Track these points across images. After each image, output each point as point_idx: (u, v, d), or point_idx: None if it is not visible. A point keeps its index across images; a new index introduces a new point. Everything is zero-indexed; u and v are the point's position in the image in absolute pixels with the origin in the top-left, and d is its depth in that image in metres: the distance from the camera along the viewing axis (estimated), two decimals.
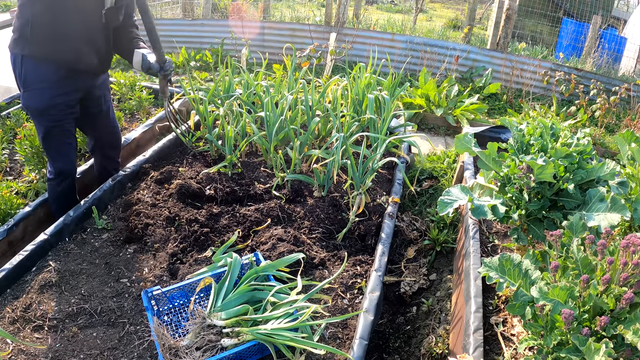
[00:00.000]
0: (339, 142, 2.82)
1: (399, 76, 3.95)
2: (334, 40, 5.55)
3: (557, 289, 1.44)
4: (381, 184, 3.23)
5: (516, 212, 2.04)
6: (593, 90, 5.57)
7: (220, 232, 2.55)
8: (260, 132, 3.21)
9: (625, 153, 2.30)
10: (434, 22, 12.50)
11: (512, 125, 2.29)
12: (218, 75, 3.85)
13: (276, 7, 10.64)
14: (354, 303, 2.20)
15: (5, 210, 2.92)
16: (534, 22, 10.36)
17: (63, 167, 2.72)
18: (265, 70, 4.81)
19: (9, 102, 4.30)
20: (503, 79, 6.53)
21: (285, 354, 1.82)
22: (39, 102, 2.51)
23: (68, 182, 2.77)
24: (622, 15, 11.96)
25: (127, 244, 2.54)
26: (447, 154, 4.29)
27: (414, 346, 2.35)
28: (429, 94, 5.44)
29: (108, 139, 3.02)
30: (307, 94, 3.30)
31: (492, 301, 2.21)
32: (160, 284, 2.23)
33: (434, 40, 7.02)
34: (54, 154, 2.68)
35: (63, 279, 2.26)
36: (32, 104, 2.51)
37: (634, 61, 8.46)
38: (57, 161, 2.70)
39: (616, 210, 1.78)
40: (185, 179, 2.92)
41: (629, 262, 1.42)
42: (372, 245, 2.60)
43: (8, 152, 3.67)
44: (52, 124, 2.57)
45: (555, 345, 1.47)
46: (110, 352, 1.91)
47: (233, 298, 1.98)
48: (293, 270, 2.26)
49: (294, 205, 2.80)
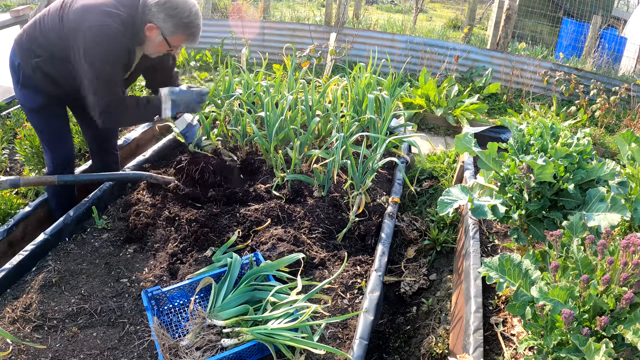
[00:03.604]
0: (339, 142, 2.82)
1: (399, 76, 3.95)
2: (334, 40, 5.55)
3: (557, 289, 1.44)
4: (381, 184, 3.23)
5: (516, 212, 2.04)
6: (593, 90, 5.57)
7: (220, 232, 2.55)
8: (260, 132, 3.21)
9: (625, 153, 2.30)
10: (434, 22, 12.50)
11: (512, 125, 2.29)
12: (218, 75, 3.85)
13: (276, 7, 10.64)
14: (354, 303, 2.20)
15: (5, 210, 2.92)
16: (534, 22, 10.36)
17: (62, 154, 2.70)
18: (265, 70, 4.81)
19: (9, 102, 4.30)
20: (503, 79, 6.53)
21: (285, 354, 1.82)
22: (34, 103, 2.53)
23: (67, 173, 2.74)
24: (622, 15, 11.96)
25: (127, 244, 2.54)
26: (447, 154, 4.29)
27: (414, 346, 2.35)
28: (429, 94, 5.44)
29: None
30: (307, 94, 3.30)
31: (492, 301, 2.21)
32: (160, 284, 2.23)
33: (434, 40, 7.03)
34: (50, 143, 2.66)
35: (63, 279, 2.26)
36: (27, 103, 2.53)
37: (634, 61, 8.46)
38: (55, 150, 2.67)
39: (616, 210, 1.78)
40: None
41: (629, 262, 1.42)
42: (372, 245, 2.60)
43: (8, 152, 3.67)
44: (46, 119, 2.59)
45: (555, 345, 1.47)
46: (110, 352, 1.91)
47: (233, 298, 1.98)
48: (293, 270, 2.26)
49: (294, 205, 2.80)
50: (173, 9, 2.30)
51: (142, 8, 2.31)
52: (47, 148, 2.69)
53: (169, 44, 2.41)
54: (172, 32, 2.35)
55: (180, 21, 2.32)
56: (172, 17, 2.31)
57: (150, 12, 2.31)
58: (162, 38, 2.37)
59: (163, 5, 2.29)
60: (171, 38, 2.38)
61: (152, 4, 2.30)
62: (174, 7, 2.30)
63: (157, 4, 2.29)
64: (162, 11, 2.30)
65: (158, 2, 2.29)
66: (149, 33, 2.35)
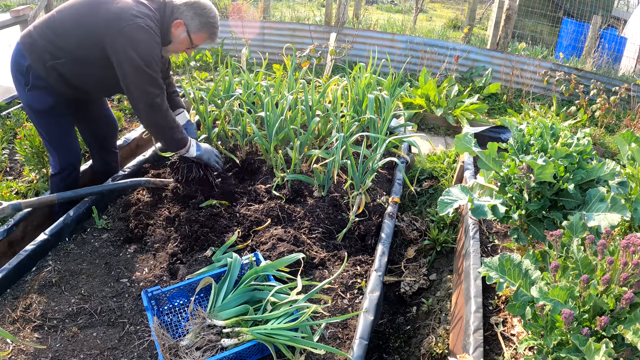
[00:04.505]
0: (339, 142, 2.82)
1: (399, 76, 3.95)
2: (334, 40, 5.55)
3: (557, 289, 1.44)
4: (381, 184, 3.23)
5: (516, 212, 2.04)
6: (593, 90, 5.57)
7: (220, 232, 2.55)
8: (260, 132, 3.21)
9: (625, 153, 2.30)
10: (434, 22, 12.50)
11: (512, 125, 2.29)
12: (218, 75, 3.85)
13: (276, 7, 10.64)
14: (354, 303, 2.20)
15: None
16: (534, 22, 10.36)
17: (69, 156, 2.70)
18: (265, 70, 4.81)
19: (9, 102, 4.30)
20: (503, 79, 6.54)
21: (285, 354, 1.82)
22: (43, 105, 2.51)
23: (73, 177, 2.75)
24: (622, 15, 11.96)
25: (127, 244, 2.54)
26: (447, 154, 4.29)
27: (414, 346, 2.35)
28: (429, 94, 5.44)
29: (104, 124, 3.00)
30: (307, 94, 3.30)
31: (492, 301, 2.21)
32: (160, 284, 2.23)
33: (434, 40, 7.03)
34: (58, 146, 2.65)
35: (63, 279, 2.26)
36: (36, 105, 2.52)
37: (634, 61, 8.46)
38: (63, 152, 2.67)
39: (616, 210, 1.78)
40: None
41: (629, 262, 1.42)
42: (372, 245, 2.60)
43: (8, 152, 3.67)
44: (54, 120, 2.58)
45: (555, 345, 1.47)
46: (110, 352, 1.91)
47: (233, 298, 1.98)
48: (293, 270, 2.26)
49: (294, 205, 2.80)
50: (202, 8, 2.49)
51: (171, 9, 2.49)
52: (53, 150, 2.66)
53: (191, 41, 2.54)
54: (198, 29, 2.51)
55: (207, 20, 2.51)
56: (200, 15, 2.49)
57: (178, 10, 2.48)
58: (187, 35, 2.52)
59: (192, 5, 2.48)
60: (195, 35, 2.53)
61: (181, 4, 2.49)
62: (203, 7, 2.50)
63: (186, 3, 2.48)
64: (191, 9, 2.48)
65: (187, 2, 2.48)
66: (175, 30, 2.50)
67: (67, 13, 2.39)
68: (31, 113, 2.57)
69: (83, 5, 2.38)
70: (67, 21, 2.38)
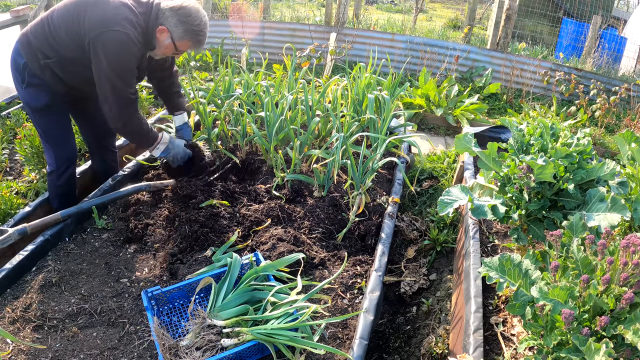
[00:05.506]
0: (339, 142, 2.82)
1: (399, 76, 3.95)
2: (334, 40, 5.55)
3: (557, 289, 1.44)
4: (381, 184, 3.23)
5: (516, 212, 2.04)
6: (593, 90, 5.57)
7: (220, 232, 2.55)
8: (260, 132, 3.21)
9: (625, 153, 2.30)
10: (434, 22, 12.50)
11: (512, 125, 2.29)
12: (218, 75, 3.85)
13: (276, 7, 10.64)
14: (354, 303, 2.20)
15: (5, 210, 2.92)
16: (534, 22, 10.36)
17: (65, 153, 2.71)
18: (265, 70, 4.81)
19: (9, 102, 4.30)
20: (503, 79, 6.53)
21: (285, 354, 1.82)
22: (39, 102, 2.53)
23: (69, 173, 2.75)
24: (622, 15, 11.96)
25: (127, 244, 2.54)
26: (447, 154, 4.29)
27: (414, 346, 2.35)
28: (429, 94, 5.44)
29: (103, 121, 2.99)
30: (307, 94, 3.30)
31: (492, 301, 2.21)
32: (160, 284, 2.23)
33: (434, 40, 7.03)
34: (55, 142, 2.67)
35: (63, 279, 2.26)
36: (33, 102, 2.54)
37: (634, 61, 8.46)
38: (59, 149, 2.69)
39: (616, 210, 1.78)
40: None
41: (629, 262, 1.42)
42: (372, 245, 2.60)
43: (8, 152, 3.67)
44: (51, 117, 2.60)
45: (555, 345, 1.47)
46: (110, 352, 1.91)
47: (233, 298, 1.98)
48: (293, 270, 2.26)
49: (294, 205, 2.80)
50: (186, 16, 2.43)
51: (156, 13, 2.43)
52: (50, 147, 2.68)
53: (176, 47, 2.52)
54: (181, 37, 2.48)
55: (191, 28, 2.45)
56: (184, 23, 2.44)
57: (163, 16, 2.44)
58: (171, 41, 2.49)
59: (177, 11, 2.43)
60: (179, 42, 2.50)
61: (166, 8, 2.44)
62: (187, 14, 2.43)
63: (171, 9, 2.43)
64: (175, 16, 2.43)
65: (172, 8, 2.43)
66: (159, 35, 2.47)
67: (60, 14, 2.41)
68: (29, 110, 2.60)
69: (76, 5, 2.39)
70: (58, 21, 2.39)
